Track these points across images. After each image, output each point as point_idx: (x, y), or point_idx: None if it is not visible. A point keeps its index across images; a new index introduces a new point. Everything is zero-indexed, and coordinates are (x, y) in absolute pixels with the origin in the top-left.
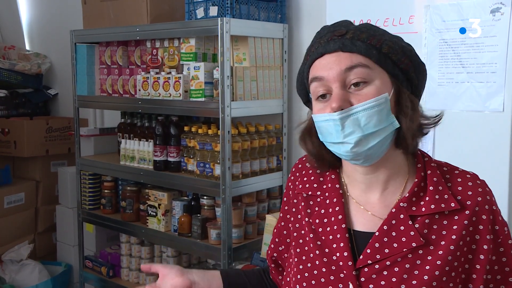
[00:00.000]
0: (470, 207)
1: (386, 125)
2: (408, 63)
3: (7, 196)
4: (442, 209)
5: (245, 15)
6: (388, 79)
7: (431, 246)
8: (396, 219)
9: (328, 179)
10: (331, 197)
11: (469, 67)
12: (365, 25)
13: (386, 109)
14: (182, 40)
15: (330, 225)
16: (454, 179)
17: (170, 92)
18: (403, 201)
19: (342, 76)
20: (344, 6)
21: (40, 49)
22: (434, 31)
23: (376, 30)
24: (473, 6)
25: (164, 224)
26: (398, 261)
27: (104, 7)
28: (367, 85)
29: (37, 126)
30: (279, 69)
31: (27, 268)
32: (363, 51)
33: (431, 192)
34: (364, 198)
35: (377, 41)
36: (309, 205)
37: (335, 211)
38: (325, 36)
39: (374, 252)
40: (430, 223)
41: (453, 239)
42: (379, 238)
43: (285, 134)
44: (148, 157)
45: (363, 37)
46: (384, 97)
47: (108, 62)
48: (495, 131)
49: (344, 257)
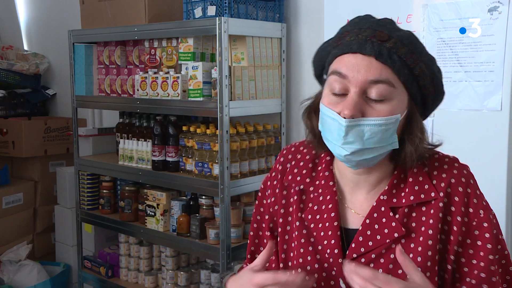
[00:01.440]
0: (443, 189)
1: (387, 144)
2: (432, 91)
3: (5, 196)
4: (421, 199)
5: (243, 14)
6: (406, 100)
7: (412, 234)
8: (378, 212)
9: (321, 175)
10: (324, 194)
11: (467, 66)
12: (408, 36)
13: (392, 129)
14: (180, 40)
15: (323, 222)
16: (431, 163)
17: (168, 92)
18: (383, 194)
19: (365, 85)
20: (342, 6)
21: (38, 49)
22: (432, 30)
23: (416, 45)
24: (471, 5)
25: (163, 224)
26: (382, 253)
27: (102, 7)
28: (384, 102)
29: (36, 126)
30: (278, 69)
31: (26, 269)
32: (396, 68)
33: (410, 184)
34: (352, 196)
35: (413, 61)
36: (302, 200)
37: (328, 209)
38: (366, 31)
39: (358, 246)
40: (409, 212)
41: (430, 223)
42: (363, 232)
43: (284, 133)
44: (147, 157)
45: (402, 52)
46: (395, 118)
47: (106, 62)
48: (493, 130)
49: (335, 254)
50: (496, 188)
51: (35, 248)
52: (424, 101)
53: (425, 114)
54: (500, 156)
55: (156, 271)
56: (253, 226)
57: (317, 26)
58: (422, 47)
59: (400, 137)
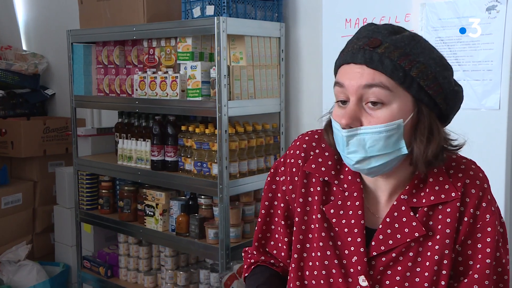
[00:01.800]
0: (459, 189)
1: (393, 150)
2: (438, 89)
3: (4, 196)
4: (442, 199)
5: (242, 14)
6: (411, 103)
7: (430, 233)
8: (398, 211)
9: (347, 170)
10: (351, 190)
11: (465, 65)
12: (406, 38)
13: (396, 135)
14: (179, 40)
15: (347, 219)
16: (449, 164)
17: (167, 91)
18: (404, 194)
19: (361, 92)
20: (340, 5)
21: (37, 49)
22: (430, 29)
23: (414, 47)
24: (469, 4)
25: (162, 224)
26: (402, 251)
27: (100, 7)
28: (383, 107)
29: (34, 126)
30: (276, 68)
31: (25, 269)
32: (388, 72)
33: (431, 184)
34: (372, 197)
35: (408, 62)
36: (325, 192)
37: (354, 206)
38: (361, 40)
39: (379, 244)
40: (428, 211)
41: (448, 222)
42: (383, 230)
43: (283, 133)
44: (146, 156)
45: (395, 56)
46: (397, 123)
47: (105, 61)
48: (492, 129)
49: (360, 252)
50: (494, 186)
51: (34, 248)
52: (435, 102)
53: (446, 115)
54: (499, 154)
55: (155, 271)
56: (262, 213)
57: (315, 26)
58: (424, 46)
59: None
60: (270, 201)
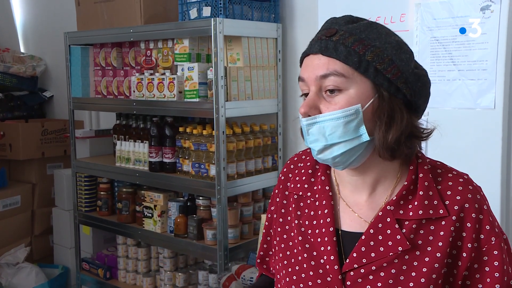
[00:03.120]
0: (456, 213)
1: (353, 137)
2: (397, 72)
3: (3, 199)
4: (430, 215)
5: (239, 15)
6: (370, 88)
7: (417, 252)
8: (383, 222)
9: (318, 180)
10: (320, 199)
11: (460, 64)
12: (362, 26)
13: (356, 121)
14: (176, 41)
15: (319, 227)
16: (445, 182)
17: (164, 93)
18: (390, 204)
19: (318, 82)
20: (336, 5)
21: (34, 52)
22: (425, 29)
23: (370, 33)
24: (464, 4)
25: (160, 225)
26: (384, 266)
27: (97, 9)
28: (340, 93)
29: (33, 128)
30: (273, 69)
31: (24, 271)
32: (342, 58)
33: (420, 197)
34: (353, 199)
35: (362, 47)
36: (300, 207)
37: (324, 213)
38: (320, 32)
39: (360, 256)
40: (417, 228)
41: (439, 246)
42: (366, 241)
43: (280, 133)
44: (144, 158)
45: (349, 42)
46: (354, 108)
47: (102, 63)
48: (487, 128)
49: (331, 260)
50: (490, 186)
51: (33, 251)
52: (396, 86)
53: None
54: (494, 154)
55: (154, 272)
56: (263, 231)
57: (312, 26)
58: (381, 32)
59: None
60: (269, 221)
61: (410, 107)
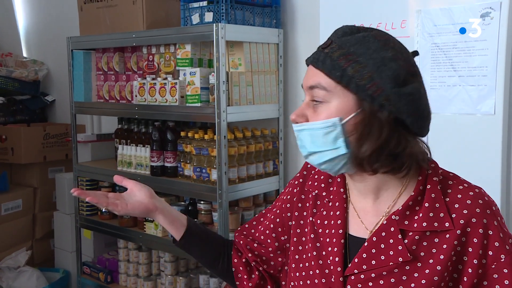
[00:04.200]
0: (461, 227)
1: (331, 148)
2: (377, 90)
3: (4, 203)
4: (435, 228)
5: (240, 20)
6: (353, 102)
7: (418, 263)
8: (387, 231)
9: (335, 182)
10: (334, 200)
11: (461, 70)
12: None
13: (334, 133)
14: (178, 46)
15: (329, 228)
16: (454, 195)
17: (166, 97)
18: (396, 214)
19: (309, 92)
20: (337, 12)
21: (37, 56)
22: (426, 35)
23: (359, 48)
24: (464, 11)
25: (162, 229)
26: (383, 274)
27: (100, 14)
28: (322, 105)
29: (35, 132)
30: (275, 74)
31: (25, 275)
32: (327, 71)
33: (426, 209)
34: (360, 204)
35: (345, 62)
36: (316, 205)
37: (336, 215)
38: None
39: (361, 262)
40: (420, 240)
41: (441, 259)
42: (368, 248)
43: (281, 138)
44: (145, 162)
45: (336, 55)
46: (331, 121)
47: (104, 68)
48: (487, 134)
49: (336, 262)
50: (490, 192)
51: (34, 255)
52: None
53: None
54: (494, 159)
55: (155, 277)
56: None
57: (313, 32)
58: (371, 47)
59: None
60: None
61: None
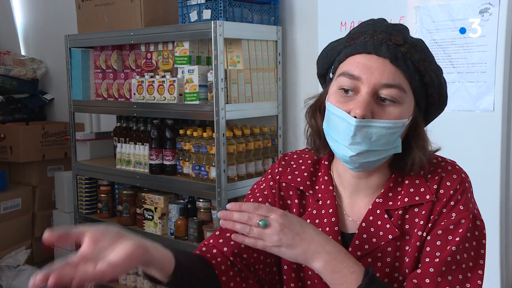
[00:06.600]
0: (435, 191)
1: (391, 147)
2: (437, 100)
3: (3, 201)
4: (416, 201)
5: (239, 18)
6: (413, 106)
7: (407, 236)
8: (374, 215)
9: (321, 180)
10: (324, 198)
11: (460, 67)
12: (420, 43)
13: (398, 133)
14: (176, 44)
15: (322, 226)
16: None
17: (164, 95)
18: (379, 197)
19: (377, 87)
20: (335, 8)
21: (35, 54)
22: (424, 31)
23: (427, 53)
24: (463, 7)
25: (161, 227)
26: (378, 256)
27: (98, 12)
28: (393, 104)
29: (33, 131)
30: (273, 71)
31: (24, 274)
32: (409, 74)
33: (406, 186)
34: (350, 200)
35: (424, 68)
36: (302, 204)
37: (328, 213)
38: (381, 33)
39: (355, 250)
40: (403, 214)
41: (421, 224)
42: (359, 235)
43: (280, 136)
44: (144, 160)
45: (415, 58)
46: (402, 122)
47: (103, 66)
48: (486, 130)
49: None
50: (489, 188)
51: (33, 253)
52: (427, 109)
53: (426, 123)
54: (493, 156)
55: None
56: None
57: (312, 29)
58: (432, 56)
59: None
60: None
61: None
